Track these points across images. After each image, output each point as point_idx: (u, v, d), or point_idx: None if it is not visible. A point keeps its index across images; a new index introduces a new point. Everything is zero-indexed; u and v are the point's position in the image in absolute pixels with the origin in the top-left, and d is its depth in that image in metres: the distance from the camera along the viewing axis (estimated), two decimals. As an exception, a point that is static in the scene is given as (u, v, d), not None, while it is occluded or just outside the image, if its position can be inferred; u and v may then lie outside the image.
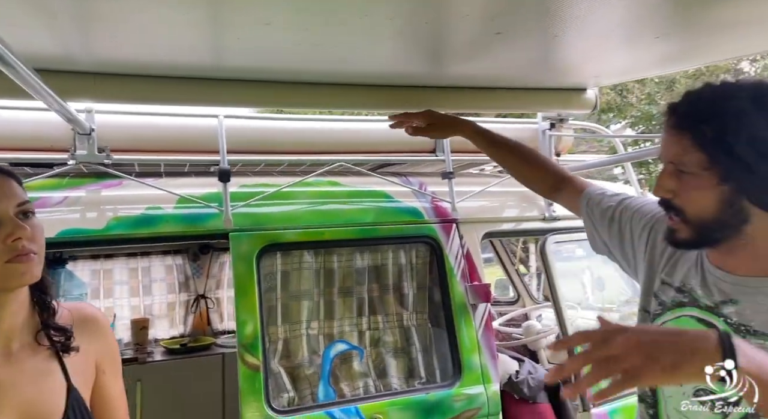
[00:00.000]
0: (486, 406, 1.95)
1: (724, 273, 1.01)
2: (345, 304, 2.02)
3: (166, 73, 1.67)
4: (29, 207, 1.04)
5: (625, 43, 1.44)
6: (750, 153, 0.89)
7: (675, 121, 0.99)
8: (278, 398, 1.80)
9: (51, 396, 1.04)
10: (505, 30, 1.21)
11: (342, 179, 2.16)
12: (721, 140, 0.91)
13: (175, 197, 1.87)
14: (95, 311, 1.20)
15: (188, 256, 3.46)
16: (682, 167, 0.96)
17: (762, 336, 0.93)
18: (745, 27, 1.38)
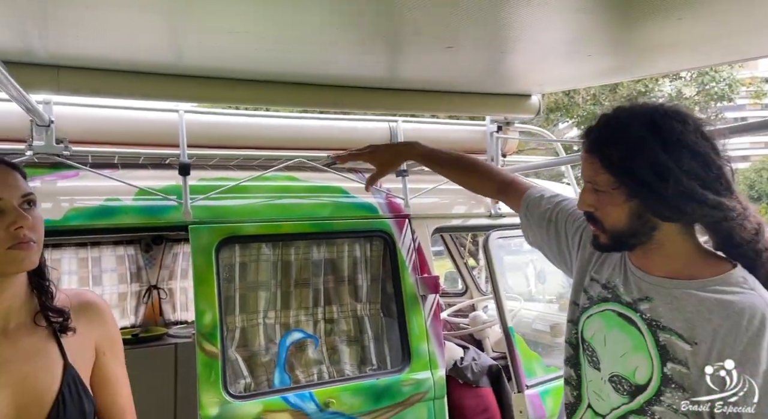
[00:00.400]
0: (432, 390, 2.08)
1: (643, 273, 1.14)
2: (301, 295, 2.10)
3: (128, 69, 1.71)
4: (32, 198, 1.11)
5: (563, 58, 1.59)
6: (648, 175, 1.01)
7: (588, 145, 1.12)
8: (235, 384, 1.88)
9: (46, 374, 1.10)
10: (455, 45, 1.32)
11: (299, 174, 2.23)
12: (624, 164, 1.04)
13: (134, 189, 1.90)
14: (94, 297, 1.26)
15: (140, 246, 3.43)
16: (596, 186, 1.10)
17: (669, 331, 1.05)
18: (667, 49, 1.55)
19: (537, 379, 2.14)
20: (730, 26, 1.33)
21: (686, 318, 1.04)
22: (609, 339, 1.17)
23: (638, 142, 1.03)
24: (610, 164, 1.06)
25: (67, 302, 1.18)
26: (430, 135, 2.48)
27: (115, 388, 1.23)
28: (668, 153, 1.01)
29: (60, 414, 1.08)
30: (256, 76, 1.86)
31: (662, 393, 1.05)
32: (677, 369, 1.03)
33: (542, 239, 1.43)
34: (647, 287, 1.12)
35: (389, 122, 2.37)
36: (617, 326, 1.15)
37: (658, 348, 1.06)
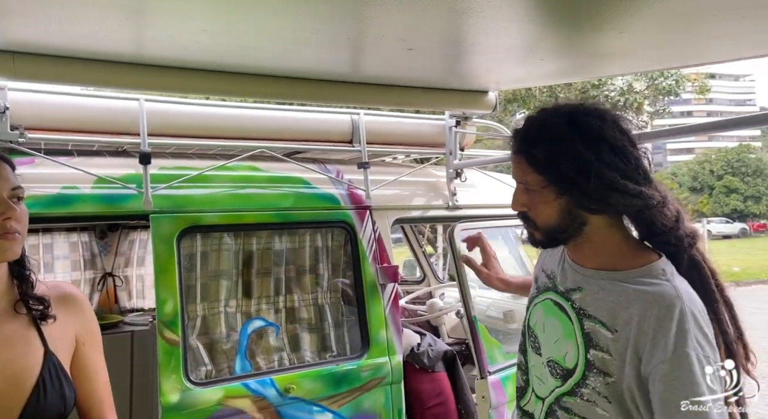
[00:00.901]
0: (390, 375, 2.17)
1: (578, 266, 1.22)
2: (263, 284, 2.14)
3: (87, 57, 1.69)
4: (20, 193, 1.15)
5: (517, 61, 1.67)
6: (572, 171, 1.08)
7: (515, 146, 1.18)
8: (196, 371, 1.90)
9: (27, 359, 1.12)
10: (416, 47, 1.38)
11: (262, 164, 2.25)
12: (549, 163, 1.10)
13: (92, 177, 1.88)
14: (73, 289, 1.29)
15: (95, 233, 3.37)
16: (527, 185, 1.16)
17: (594, 320, 1.14)
18: (613, 55, 1.66)
19: (498, 366, 2.24)
20: (666, 38, 1.44)
21: (609, 308, 1.12)
22: (547, 325, 1.26)
23: (560, 140, 1.09)
24: (537, 163, 1.12)
25: (47, 293, 1.21)
26: (392, 128, 2.54)
27: (94, 377, 1.27)
28: (588, 148, 1.07)
29: (40, 399, 1.11)
30: (218, 67, 1.86)
31: (587, 377, 1.13)
32: (599, 355, 1.11)
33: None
34: (580, 279, 1.20)
35: (351, 115, 2.41)
36: (553, 314, 1.23)
37: (583, 335, 1.15)
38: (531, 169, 1.13)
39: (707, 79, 14.61)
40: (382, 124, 2.50)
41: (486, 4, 1.02)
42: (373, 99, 2.14)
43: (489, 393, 2.10)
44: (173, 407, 1.76)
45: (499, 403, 2.14)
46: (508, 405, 2.17)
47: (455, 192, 2.54)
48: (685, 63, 1.81)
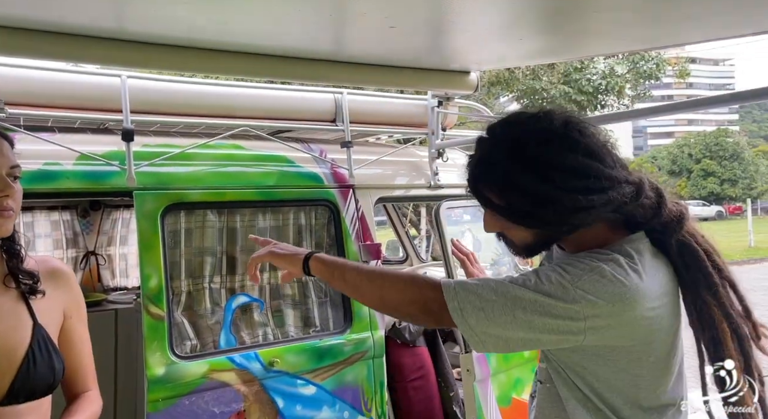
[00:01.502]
0: (372, 349, 2.22)
1: (563, 253, 1.16)
2: (247, 261, 2.16)
3: (66, 31, 1.67)
4: (17, 172, 1.16)
5: (498, 40, 1.70)
6: (529, 207, 0.99)
7: (468, 185, 1.08)
8: (181, 345, 1.94)
9: (16, 332, 1.15)
10: (398, 25, 1.40)
11: (245, 142, 2.26)
12: (505, 203, 1.02)
13: (74, 153, 1.88)
14: (61, 264, 1.32)
15: (77, 212, 3.35)
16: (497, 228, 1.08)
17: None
18: (593, 35, 1.69)
19: None
20: (646, 16, 1.47)
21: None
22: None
23: (507, 178, 1.00)
24: (492, 205, 1.04)
25: (36, 267, 1.22)
26: (375, 108, 2.56)
27: (81, 350, 1.30)
28: (540, 178, 0.98)
29: (30, 370, 1.14)
30: (200, 44, 1.86)
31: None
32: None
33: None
34: (557, 262, 1.13)
35: (335, 94, 2.43)
36: None
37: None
38: (489, 210, 1.06)
39: (687, 63, 14.77)
40: (365, 103, 2.52)
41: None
42: (356, 78, 2.15)
43: (473, 366, 2.16)
44: (159, 380, 1.79)
45: (483, 376, 2.20)
46: (492, 379, 2.24)
47: (437, 172, 2.58)
48: (662, 44, 1.85)
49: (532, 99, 13.39)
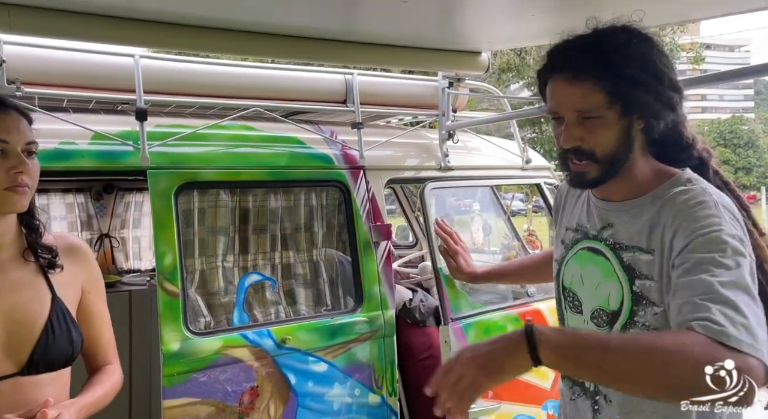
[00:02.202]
0: (383, 329, 2.25)
1: (605, 203, 1.19)
2: (259, 240, 2.19)
3: (81, 10, 1.69)
4: (34, 148, 1.19)
5: (510, 17, 1.70)
6: (645, 77, 1.05)
7: (571, 72, 1.08)
8: (196, 322, 1.97)
9: (34, 304, 1.18)
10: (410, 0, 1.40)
11: (256, 124, 2.27)
12: (620, 74, 1.04)
13: (89, 133, 1.90)
14: (79, 240, 1.36)
15: (91, 194, 3.40)
16: (586, 113, 1.07)
17: (631, 249, 1.11)
18: (603, 10, 1.67)
19: (462, 314, 2.31)
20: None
21: (640, 230, 1.10)
22: (584, 275, 1.21)
23: (626, 48, 1.06)
24: (605, 81, 1.05)
25: (54, 242, 1.25)
26: (386, 89, 2.56)
27: (100, 325, 1.34)
28: (652, 54, 1.07)
29: (49, 341, 1.17)
30: (213, 23, 1.87)
31: (635, 314, 1.09)
32: (645, 284, 1.08)
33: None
34: (608, 215, 1.18)
35: (345, 75, 2.43)
36: (589, 261, 1.20)
37: (624, 268, 1.11)
38: (597, 91, 1.06)
39: (702, 49, 14.57)
40: (375, 84, 2.52)
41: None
42: (367, 58, 2.15)
43: (450, 338, 2.19)
44: (174, 355, 1.83)
45: (460, 348, 2.24)
46: None
47: (447, 153, 2.58)
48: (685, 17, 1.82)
49: (543, 86, 13.24)
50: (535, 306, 2.46)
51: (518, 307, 2.45)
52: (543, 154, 13.16)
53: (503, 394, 2.33)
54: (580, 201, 1.30)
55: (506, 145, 2.89)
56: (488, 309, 2.39)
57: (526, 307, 2.45)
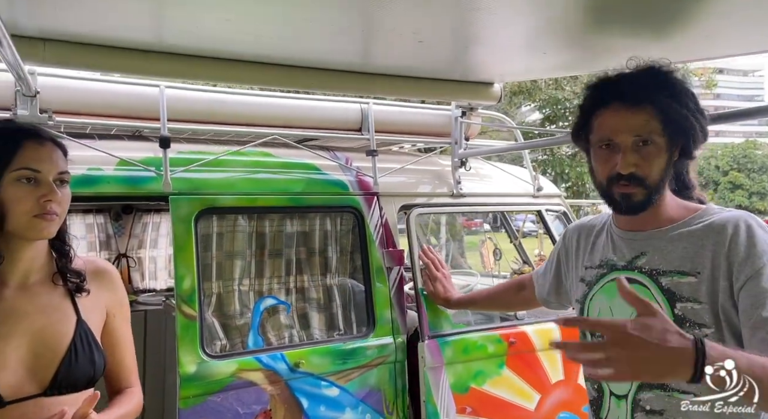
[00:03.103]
0: (394, 354, 2.27)
1: (633, 233, 1.23)
2: (274, 264, 2.24)
3: (112, 44, 1.77)
4: (66, 177, 1.24)
5: (522, 54, 1.76)
6: (693, 107, 1.13)
7: (630, 98, 1.14)
8: (212, 345, 2.01)
9: (60, 326, 1.22)
10: (426, 40, 1.46)
11: (274, 150, 2.34)
12: (673, 107, 1.12)
13: (114, 159, 1.97)
14: (107, 264, 1.40)
15: (110, 215, 3.48)
16: (644, 138, 1.13)
17: (670, 274, 1.14)
18: (614, 50, 1.73)
19: (440, 331, 2.36)
20: (670, 32, 1.51)
21: (682, 255, 1.13)
22: (614, 307, 1.22)
23: (677, 85, 1.15)
24: (661, 109, 1.12)
25: (83, 267, 1.30)
26: (400, 118, 2.63)
27: (123, 348, 1.37)
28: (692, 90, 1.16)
29: (72, 362, 1.21)
30: (234, 56, 1.95)
31: None
32: (687, 306, 1.10)
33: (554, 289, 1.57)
34: (639, 245, 1.21)
35: (361, 104, 2.50)
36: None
37: (663, 293, 1.13)
38: (654, 117, 1.13)
39: (714, 74, 14.58)
40: (389, 113, 2.59)
41: (495, 2, 1.10)
42: (383, 89, 2.22)
43: (425, 354, 2.26)
44: (191, 377, 1.86)
45: (435, 363, 2.29)
46: (446, 367, 2.32)
47: (460, 181, 2.63)
48: (690, 57, 1.88)
49: (554, 109, 13.30)
50: (521, 329, 2.51)
51: (503, 329, 2.49)
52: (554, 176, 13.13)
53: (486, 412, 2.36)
54: (600, 239, 1.33)
55: (518, 172, 2.94)
56: (468, 329, 2.44)
57: (511, 329, 2.49)
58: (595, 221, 1.41)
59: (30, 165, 1.16)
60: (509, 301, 2.00)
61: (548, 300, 1.64)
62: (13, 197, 1.15)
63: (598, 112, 1.19)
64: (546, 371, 2.53)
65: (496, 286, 2.17)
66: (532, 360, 2.50)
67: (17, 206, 1.15)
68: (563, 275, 1.52)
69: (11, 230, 1.17)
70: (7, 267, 1.20)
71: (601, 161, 1.20)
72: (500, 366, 2.43)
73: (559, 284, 1.55)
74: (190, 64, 1.94)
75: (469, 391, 2.34)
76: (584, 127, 1.23)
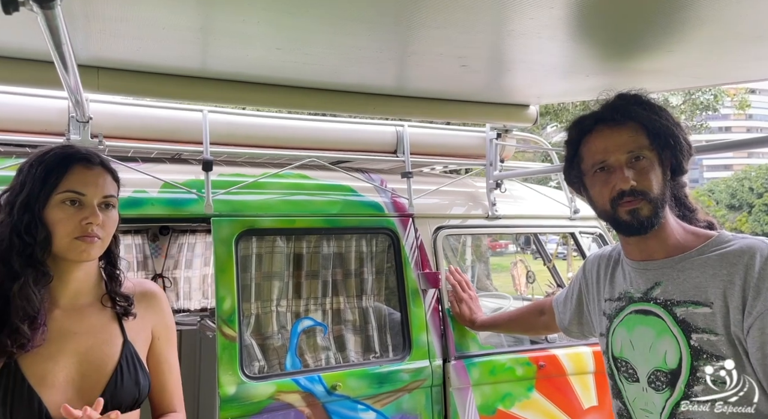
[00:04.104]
0: (431, 378, 2.24)
1: (646, 263, 1.21)
2: (311, 286, 2.25)
3: (160, 71, 1.84)
4: (112, 201, 1.25)
5: (559, 77, 1.76)
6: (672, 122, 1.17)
7: (611, 118, 1.20)
8: (251, 366, 2.02)
9: (107, 347, 1.24)
10: (469, 64, 1.48)
11: (311, 172, 2.37)
12: (652, 118, 1.16)
13: (159, 182, 2.03)
14: (155, 287, 1.42)
15: (147, 236, 3.55)
16: (636, 153, 1.17)
17: (684, 304, 1.12)
18: (653, 73, 1.73)
19: (467, 352, 2.35)
20: (709, 57, 1.50)
21: (695, 285, 1.11)
22: (634, 340, 1.21)
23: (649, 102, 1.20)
24: (646, 125, 1.16)
25: (132, 289, 1.32)
26: (434, 140, 2.65)
27: (168, 371, 1.38)
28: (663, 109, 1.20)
29: (117, 383, 1.22)
30: (274, 81, 2.00)
31: (697, 369, 1.07)
32: (703, 337, 1.08)
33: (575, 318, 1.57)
34: (653, 275, 1.20)
35: (396, 127, 2.52)
36: (638, 323, 1.20)
37: (678, 324, 1.12)
38: (641, 133, 1.17)
39: (747, 94, 14.31)
40: (425, 135, 2.61)
41: (540, 28, 1.11)
42: (420, 112, 2.25)
43: (451, 374, 2.26)
44: (230, 398, 1.87)
45: (461, 385, 2.29)
46: (473, 388, 2.31)
47: (495, 203, 2.62)
48: (725, 81, 1.87)
49: (581, 130, 13.17)
50: (552, 352, 2.46)
51: (532, 351, 2.46)
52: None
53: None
54: (617, 272, 1.33)
55: (552, 193, 2.91)
56: (495, 351, 2.42)
57: (541, 352, 2.46)
58: (612, 252, 1.41)
59: (75, 188, 1.19)
60: (531, 325, 2.02)
61: (569, 330, 1.62)
62: (57, 219, 1.17)
63: (585, 139, 1.23)
64: (578, 396, 2.48)
65: (518, 309, 2.18)
66: (563, 384, 2.46)
67: (60, 228, 1.17)
68: (585, 305, 1.51)
69: (56, 252, 1.19)
70: (58, 288, 1.23)
71: (599, 185, 1.21)
72: (529, 389, 2.40)
73: (580, 314, 1.54)
74: (235, 90, 2.00)
75: (496, 413, 2.32)
76: (574, 158, 1.26)
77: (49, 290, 1.22)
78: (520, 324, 2.09)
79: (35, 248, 1.16)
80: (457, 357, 2.31)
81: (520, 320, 2.06)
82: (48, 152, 1.24)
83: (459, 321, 2.32)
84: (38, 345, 1.16)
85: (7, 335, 1.13)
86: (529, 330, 2.25)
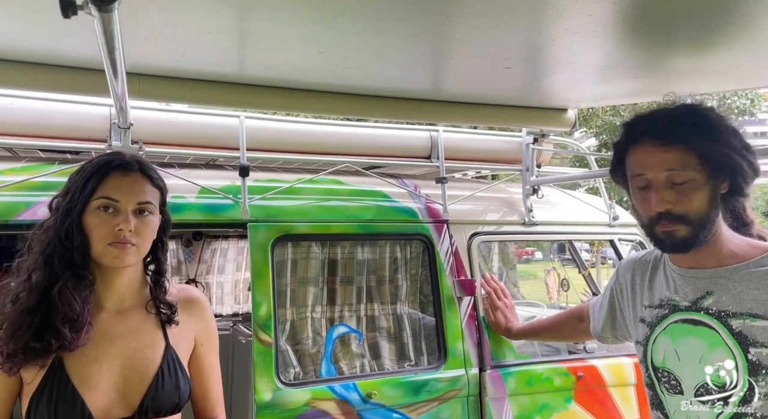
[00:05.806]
0: (467, 387, 2.20)
1: (695, 271, 1.17)
2: (346, 292, 2.23)
3: (198, 78, 1.85)
4: (148, 207, 1.25)
5: (600, 79, 1.71)
6: (733, 141, 1.12)
7: (660, 136, 1.14)
8: (286, 372, 2.00)
9: (150, 351, 1.25)
10: (513, 66, 1.45)
11: (345, 178, 2.36)
12: (712, 139, 1.10)
13: (197, 187, 2.04)
14: (198, 294, 1.43)
15: (181, 241, 3.59)
16: (680, 175, 1.11)
17: (741, 316, 1.08)
18: (695, 75, 1.66)
19: (503, 362, 2.30)
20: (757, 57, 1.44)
21: (754, 297, 1.07)
22: (681, 350, 1.17)
23: (713, 123, 1.14)
24: (697, 145, 1.11)
25: (177, 296, 1.33)
26: (469, 145, 2.61)
27: (209, 377, 1.38)
28: (736, 126, 1.15)
29: (159, 387, 1.23)
30: (309, 86, 2.00)
31: (754, 386, 1.03)
32: (763, 352, 1.05)
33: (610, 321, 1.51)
34: (704, 284, 1.15)
35: (431, 132, 2.49)
36: (685, 333, 1.16)
37: (734, 336, 1.07)
38: (690, 154, 1.11)
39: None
40: (459, 140, 2.57)
41: (596, 26, 1.08)
42: (456, 117, 2.22)
43: (487, 384, 2.21)
44: (266, 405, 1.86)
45: (497, 394, 2.24)
46: (509, 398, 2.26)
47: (531, 209, 2.56)
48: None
49: (611, 135, 12.97)
50: (591, 363, 2.39)
51: (570, 361, 2.39)
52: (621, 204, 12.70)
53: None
54: (657, 277, 1.28)
55: (590, 200, 2.84)
56: (532, 361, 2.36)
57: (579, 362, 2.38)
58: (648, 257, 1.35)
59: (109, 194, 1.20)
60: (570, 332, 1.97)
61: (603, 337, 1.58)
62: (93, 225, 1.19)
63: (630, 149, 1.19)
64: (618, 408, 2.40)
65: (555, 316, 2.10)
66: (603, 396, 2.39)
67: (95, 234, 1.19)
68: (618, 311, 1.47)
69: (94, 257, 1.20)
70: (103, 291, 1.25)
71: (640, 202, 1.19)
72: (567, 401, 2.33)
73: (613, 320, 1.50)
74: (270, 96, 2.00)
75: None
76: (619, 164, 1.24)
77: (95, 293, 1.24)
78: (560, 332, 2.03)
79: (74, 252, 1.18)
80: (493, 366, 2.26)
81: (560, 327, 1.99)
82: (93, 160, 1.26)
83: (494, 330, 2.27)
84: (82, 344, 1.18)
85: (51, 335, 1.15)
86: (569, 338, 2.21)
